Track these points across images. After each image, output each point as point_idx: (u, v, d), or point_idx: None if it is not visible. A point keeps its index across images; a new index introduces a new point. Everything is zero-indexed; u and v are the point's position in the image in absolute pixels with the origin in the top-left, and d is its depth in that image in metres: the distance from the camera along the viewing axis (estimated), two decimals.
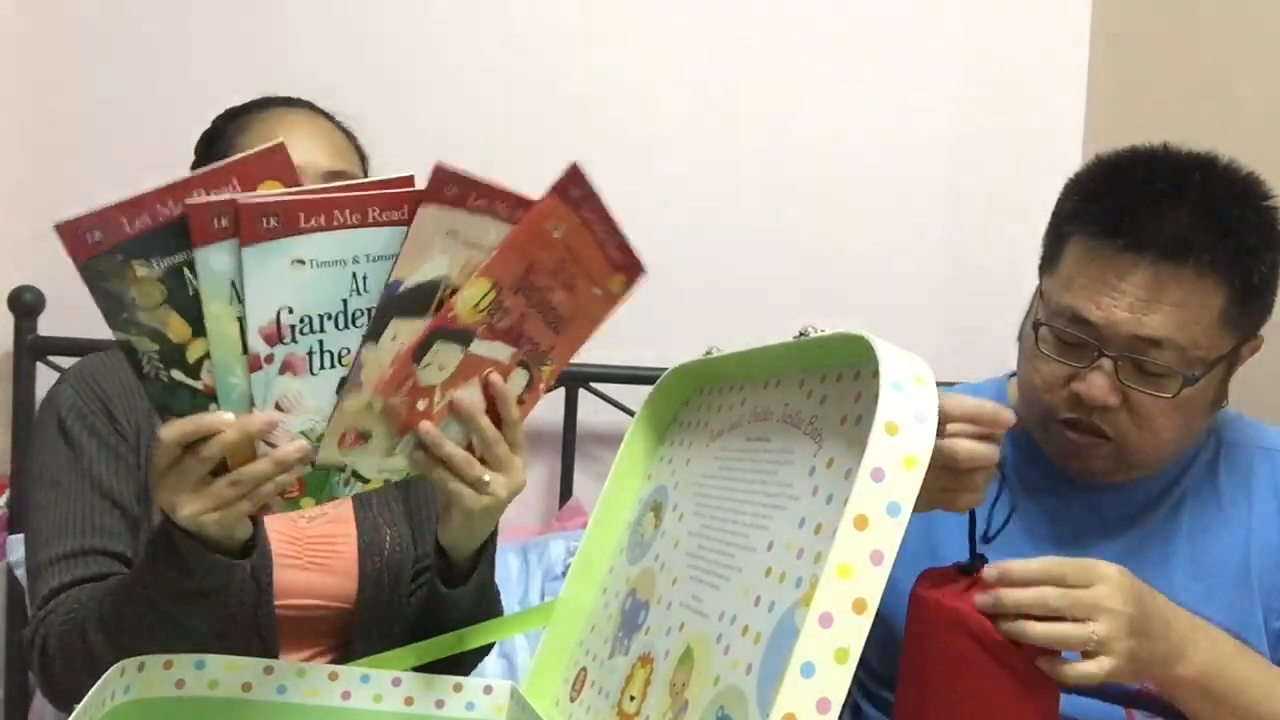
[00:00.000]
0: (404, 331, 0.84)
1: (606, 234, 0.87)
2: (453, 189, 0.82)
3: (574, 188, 0.85)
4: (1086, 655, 0.83)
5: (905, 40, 1.98)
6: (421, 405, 0.88)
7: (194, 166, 1.17)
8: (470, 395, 0.90)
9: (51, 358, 1.76)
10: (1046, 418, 1.07)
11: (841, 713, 0.57)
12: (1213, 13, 1.68)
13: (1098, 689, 1.05)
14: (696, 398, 1.01)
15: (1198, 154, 1.05)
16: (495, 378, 0.90)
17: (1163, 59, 1.80)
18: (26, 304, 1.76)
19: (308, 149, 1.10)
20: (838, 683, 0.57)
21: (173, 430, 0.81)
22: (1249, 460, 1.10)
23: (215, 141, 1.14)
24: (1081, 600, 0.83)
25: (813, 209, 1.96)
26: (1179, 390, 1.00)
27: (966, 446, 0.83)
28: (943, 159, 1.99)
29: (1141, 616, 0.85)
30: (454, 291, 0.84)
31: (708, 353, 0.96)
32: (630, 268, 0.89)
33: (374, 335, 0.84)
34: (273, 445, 0.84)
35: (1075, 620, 0.83)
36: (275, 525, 1.10)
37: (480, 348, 0.87)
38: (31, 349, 1.76)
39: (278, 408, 0.83)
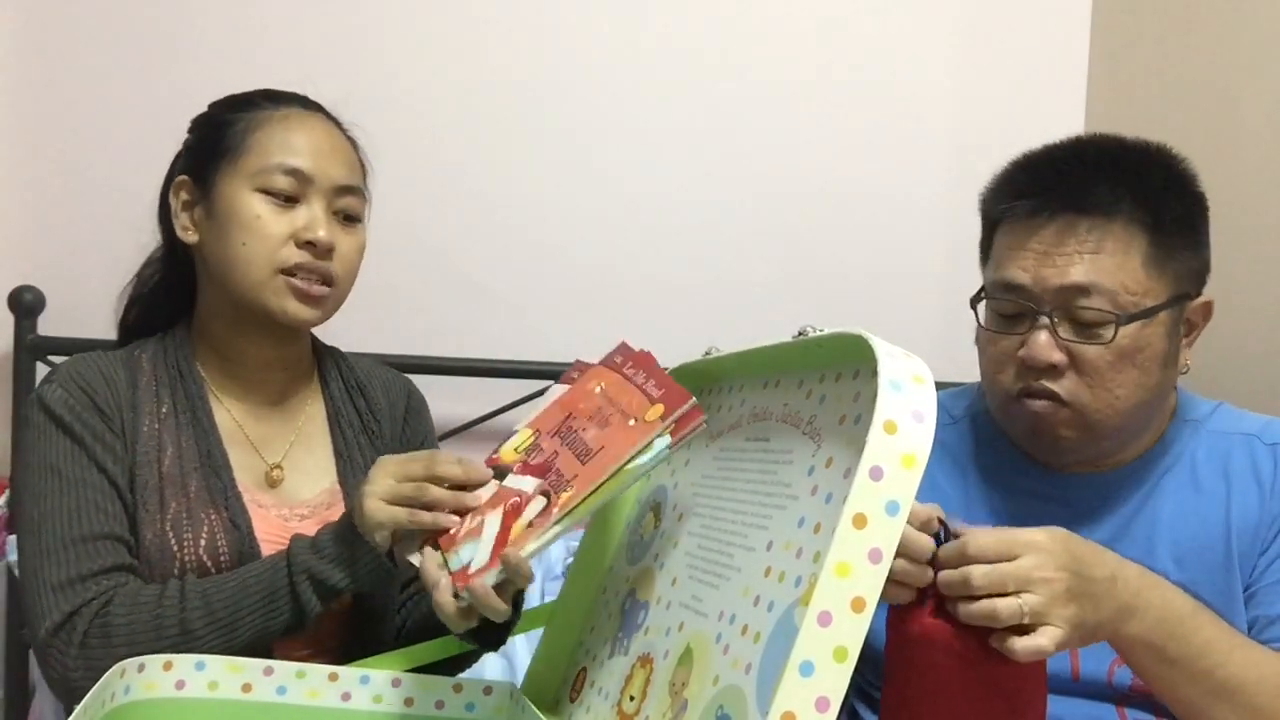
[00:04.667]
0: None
1: (645, 378, 0.94)
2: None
3: (620, 357, 0.97)
4: (1027, 629, 0.80)
5: (905, 41, 1.98)
6: (452, 526, 0.94)
7: (189, 149, 1.15)
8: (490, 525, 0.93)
9: (51, 358, 1.76)
10: (1006, 400, 1.09)
11: (840, 714, 0.57)
12: (1213, 12, 1.68)
13: (1099, 689, 1.06)
14: (696, 398, 1.01)
15: (1104, 134, 1.12)
16: (511, 552, 0.87)
17: (1163, 59, 1.80)
18: (26, 304, 1.76)
19: (324, 160, 1.11)
20: (836, 681, 0.57)
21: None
22: (1227, 445, 1.11)
23: (222, 134, 1.12)
24: (1009, 574, 0.80)
25: (813, 209, 1.96)
26: (1115, 334, 1.02)
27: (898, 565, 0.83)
28: (942, 159, 1.99)
29: (1081, 579, 0.83)
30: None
31: (707, 353, 0.96)
32: (671, 397, 0.91)
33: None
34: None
35: (1009, 594, 0.80)
36: (264, 528, 1.09)
37: (512, 481, 0.94)
38: (31, 349, 1.76)
39: None
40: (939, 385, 0.67)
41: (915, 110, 1.98)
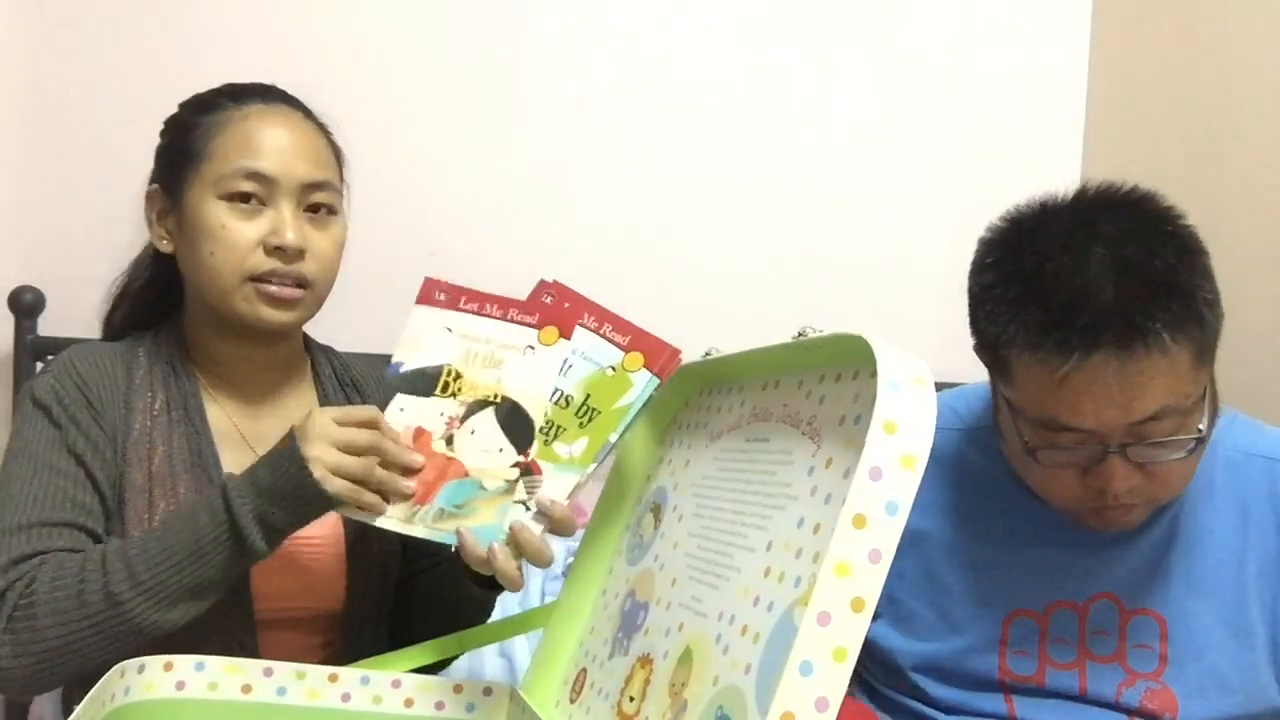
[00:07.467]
0: (410, 406, 1.00)
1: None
2: (441, 295, 1.02)
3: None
4: None
5: (906, 43, 1.98)
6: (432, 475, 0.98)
7: (159, 154, 1.14)
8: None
9: (51, 358, 1.76)
10: (1072, 508, 1.04)
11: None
12: (1213, 15, 1.68)
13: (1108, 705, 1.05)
14: (696, 399, 1.01)
15: (1075, 205, 1.01)
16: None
17: (1163, 62, 1.80)
18: (26, 304, 1.76)
19: (288, 157, 1.08)
20: (836, 681, 0.57)
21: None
22: (1246, 468, 1.08)
23: (186, 140, 1.10)
24: None
25: (814, 210, 1.96)
26: (1195, 447, 0.97)
27: None
28: (943, 160, 1.99)
29: None
30: (458, 375, 1.00)
31: (707, 354, 0.96)
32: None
33: (381, 407, 1.00)
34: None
35: None
36: None
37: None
38: (31, 349, 1.76)
39: None
40: (939, 386, 0.67)
41: (916, 113, 1.98)
